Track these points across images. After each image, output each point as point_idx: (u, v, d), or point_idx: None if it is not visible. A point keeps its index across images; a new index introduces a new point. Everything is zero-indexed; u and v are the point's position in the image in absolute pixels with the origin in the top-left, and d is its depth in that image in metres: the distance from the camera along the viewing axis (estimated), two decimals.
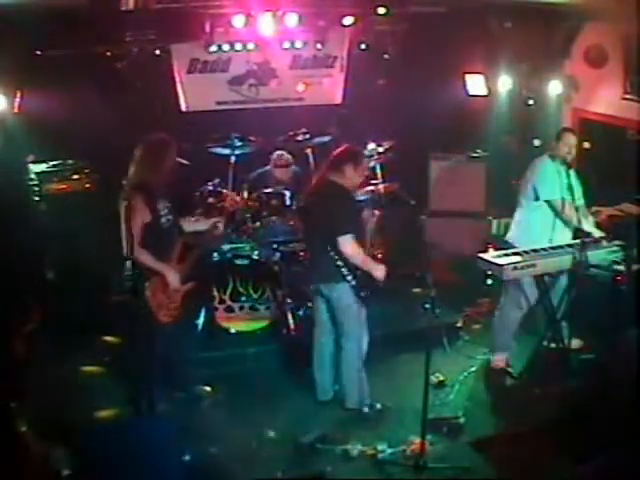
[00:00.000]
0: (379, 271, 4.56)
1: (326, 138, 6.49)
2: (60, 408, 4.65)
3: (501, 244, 5.44)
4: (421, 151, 7.13)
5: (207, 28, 6.30)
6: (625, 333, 4.52)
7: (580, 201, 5.18)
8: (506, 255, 4.86)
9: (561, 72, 6.68)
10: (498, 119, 7.09)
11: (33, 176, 6.19)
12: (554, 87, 6.71)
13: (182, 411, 4.75)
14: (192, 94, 7.18)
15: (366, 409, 4.78)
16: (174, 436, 3.94)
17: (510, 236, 5.37)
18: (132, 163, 4.39)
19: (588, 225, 5.09)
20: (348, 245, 4.45)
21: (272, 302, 5.77)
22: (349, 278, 4.52)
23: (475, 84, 7.06)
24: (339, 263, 4.50)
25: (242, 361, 5.52)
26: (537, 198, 5.14)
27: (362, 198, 5.96)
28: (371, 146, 6.41)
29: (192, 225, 4.90)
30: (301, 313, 5.96)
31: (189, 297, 4.64)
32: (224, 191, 6.18)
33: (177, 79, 7.06)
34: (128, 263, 4.26)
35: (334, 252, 4.49)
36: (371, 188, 6.24)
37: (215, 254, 5.91)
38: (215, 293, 5.73)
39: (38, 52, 5.96)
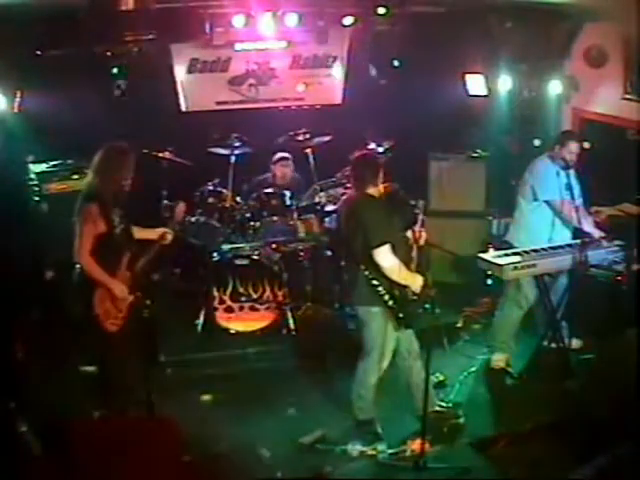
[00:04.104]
0: (417, 282, 4.27)
1: (326, 138, 6.50)
2: (60, 408, 4.65)
3: (501, 244, 5.44)
4: (421, 151, 7.13)
5: (207, 28, 6.30)
6: (625, 333, 4.52)
7: (580, 201, 5.18)
8: (506, 255, 4.86)
9: (561, 72, 6.67)
10: (498, 119, 7.08)
11: (33, 176, 6.19)
12: (554, 87, 6.71)
13: (182, 411, 4.76)
14: (192, 94, 7.18)
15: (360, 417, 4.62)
16: (174, 436, 3.94)
17: (510, 236, 5.37)
18: (89, 170, 4.38)
19: (588, 225, 5.08)
20: (384, 257, 4.17)
21: (272, 302, 5.77)
22: (385, 298, 4.25)
23: (475, 84, 7.05)
24: (374, 282, 4.25)
25: (242, 361, 5.52)
26: (536, 198, 5.14)
27: None
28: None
29: (143, 234, 4.75)
30: (301, 313, 5.97)
31: (135, 307, 4.54)
32: (224, 191, 6.19)
33: (177, 79, 7.06)
34: (76, 270, 4.31)
35: (368, 271, 4.25)
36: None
37: (215, 254, 5.92)
38: (215, 293, 5.73)
39: (38, 52, 5.96)
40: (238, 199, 6.22)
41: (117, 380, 4.52)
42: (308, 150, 6.45)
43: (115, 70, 6.36)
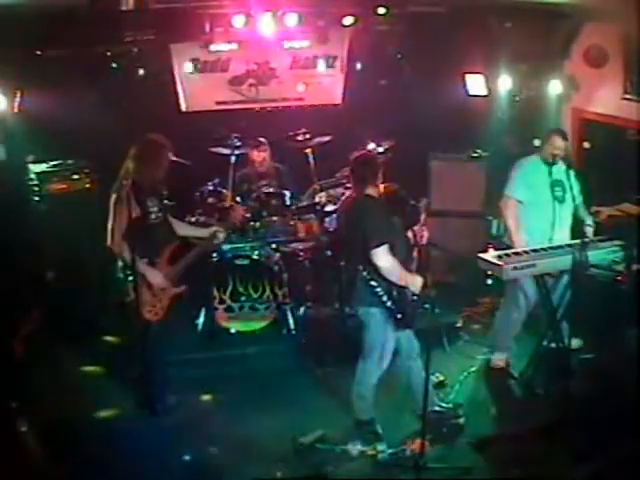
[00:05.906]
0: (417, 283, 4.27)
1: (326, 138, 6.50)
2: (60, 408, 4.65)
3: (501, 244, 5.44)
4: (421, 151, 7.13)
5: (207, 28, 6.30)
6: (625, 333, 4.52)
7: (578, 200, 5.18)
8: (506, 255, 4.86)
9: (561, 72, 6.67)
10: (498, 119, 7.08)
11: (33, 176, 6.19)
12: (554, 87, 6.71)
13: (182, 411, 4.76)
14: (192, 94, 7.18)
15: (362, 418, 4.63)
16: (174, 436, 3.95)
17: (508, 237, 5.36)
18: (126, 160, 4.43)
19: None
20: (382, 257, 4.17)
21: (272, 302, 5.77)
22: (384, 299, 4.25)
23: (475, 84, 7.05)
24: (373, 283, 4.25)
25: (242, 361, 5.52)
26: (530, 200, 5.16)
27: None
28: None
29: (191, 231, 4.92)
30: (301, 313, 5.97)
31: (179, 300, 4.60)
32: (224, 191, 6.19)
33: (177, 79, 7.06)
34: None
35: (367, 271, 4.24)
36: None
37: (215, 254, 5.92)
38: (215, 293, 5.73)
39: (38, 52, 5.96)
40: (238, 199, 6.21)
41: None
42: (308, 150, 6.44)
43: (115, 70, 6.36)
